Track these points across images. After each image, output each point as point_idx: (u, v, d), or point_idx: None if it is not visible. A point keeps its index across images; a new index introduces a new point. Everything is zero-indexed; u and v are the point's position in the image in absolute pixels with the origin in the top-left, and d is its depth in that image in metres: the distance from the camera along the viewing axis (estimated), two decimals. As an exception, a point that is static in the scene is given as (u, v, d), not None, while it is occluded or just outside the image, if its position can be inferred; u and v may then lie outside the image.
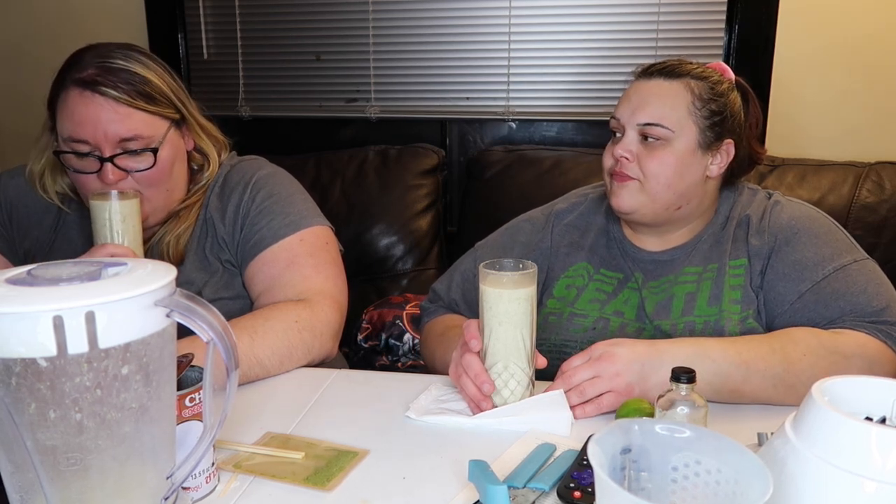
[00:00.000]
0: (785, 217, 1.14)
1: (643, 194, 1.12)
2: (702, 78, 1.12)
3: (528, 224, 1.30)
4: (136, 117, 1.12)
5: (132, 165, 1.14)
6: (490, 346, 0.96)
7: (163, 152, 1.16)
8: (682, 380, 0.78)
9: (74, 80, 1.10)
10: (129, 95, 1.11)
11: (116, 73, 1.11)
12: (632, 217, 1.16)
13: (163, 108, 1.16)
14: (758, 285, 1.11)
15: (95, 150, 1.11)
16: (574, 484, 0.75)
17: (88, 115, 1.09)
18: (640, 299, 1.17)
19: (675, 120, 1.10)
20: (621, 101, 1.16)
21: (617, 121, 1.15)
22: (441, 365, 1.15)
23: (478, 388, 0.95)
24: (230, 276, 1.23)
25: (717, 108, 1.12)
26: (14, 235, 1.28)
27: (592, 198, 1.30)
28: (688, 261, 1.17)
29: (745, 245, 1.14)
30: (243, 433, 0.92)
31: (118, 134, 1.11)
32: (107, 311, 0.55)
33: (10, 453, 0.58)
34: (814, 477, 0.56)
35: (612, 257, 1.22)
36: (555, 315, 1.20)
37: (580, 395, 0.95)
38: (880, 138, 1.97)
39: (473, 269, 1.28)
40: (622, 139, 1.13)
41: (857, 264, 1.08)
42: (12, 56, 2.36)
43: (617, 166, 1.13)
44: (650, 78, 1.14)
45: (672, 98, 1.11)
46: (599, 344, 0.98)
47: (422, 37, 2.15)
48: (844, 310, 1.04)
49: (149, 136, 1.14)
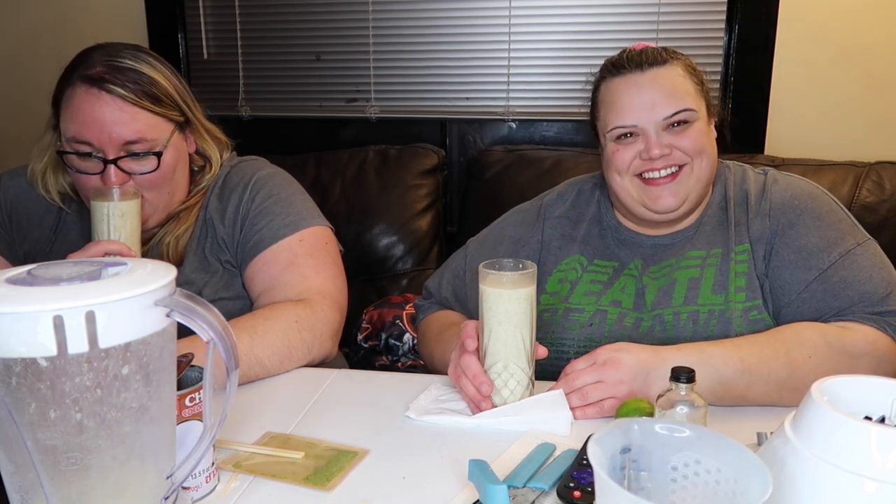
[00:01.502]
0: (787, 195, 1.12)
1: (691, 177, 1.11)
2: (678, 58, 1.13)
3: (518, 216, 1.29)
4: (141, 119, 1.12)
5: (135, 168, 1.14)
6: (490, 345, 0.96)
7: (166, 156, 1.16)
8: (681, 379, 0.78)
9: (82, 76, 1.11)
10: (135, 95, 1.12)
11: (124, 72, 1.12)
12: (677, 213, 1.12)
13: (168, 110, 1.16)
14: (762, 272, 1.09)
15: (99, 151, 1.12)
16: (574, 483, 0.75)
17: (94, 115, 1.10)
18: (637, 287, 1.15)
19: (693, 100, 1.10)
20: (624, 106, 1.10)
21: (632, 126, 1.10)
22: (440, 364, 1.15)
23: (476, 388, 0.95)
24: (230, 277, 1.23)
25: (701, 78, 1.14)
26: (14, 236, 1.28)
27: (583, 188, 1.28)
28: (690, 244, 1.15)
29: (745, 228, 1.12)
30: (243, 433, 0.92)
31: (122, 137, 1.11)
32: (107, 311, 0.55)
33: (11, 453, 0.58)
34: (813, 476, 0.56)
35: (605, 247, 1.20)
36: (549, 312, 1.18)
37: (582, 399, 0.95)
38: (880, 138, 1.97)
39: (464, 266, 1.27)
40: (647, 140, 1.09)
41: (860, 248, 1.07)
42: (12, 57, 2.36)
43: (658, 163, 1.09)
44: (644, 71, 1.10)
45: (680, 80, 1.10)
46: (604, 348, 0.97)
47: (422, 37, 2.15)
48: (853, 299, 1.03)
49: (153, 140, 1.14)
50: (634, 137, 1.11)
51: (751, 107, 1.99)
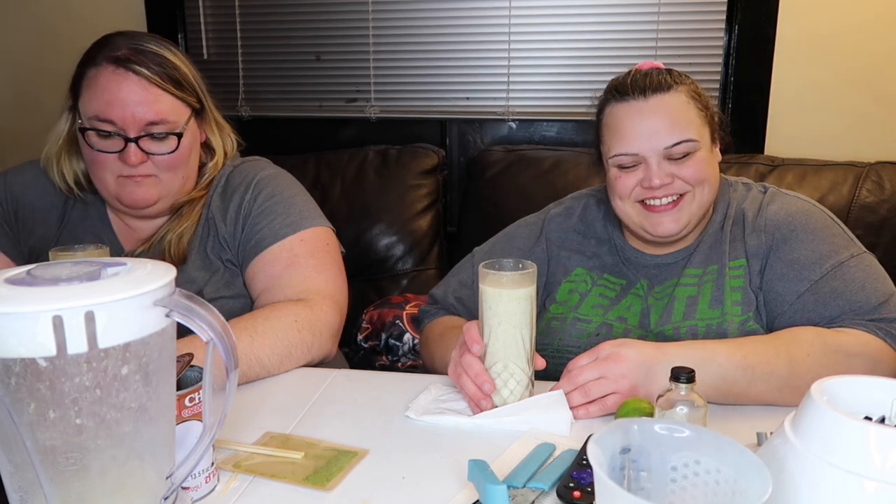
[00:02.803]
0: (782, 213, 1.13)
1: (693, 205, 1.11)
2: (683, 82, 1.12)
3: (524, 229, 1.30)
4: (163, 101, 1.16)
5: (154, 149, 1.17)
6: (490, 345, 0.96)
7: (185, 138, 1.19)
8: (681, 379, 0.78)
9: (108, 57, 1.14)
10: (160, 77, 1.16)
11: (148, 55, 1.16)
12: (678, 236, 1.14)
13: (188, 94, 1.20)
14: (757, 285, 1.11)
15: (121, 130, 1.14)
16: (573, 484, 0.75)
17: (119, 94, 1.13)
18: (643, 307, 1.17)
19: (695, 129, 1.10)
20: (627, 134, 1.10)
21: (634, 156, 1.10)
22: (441, 365, 1.15)
23: (478, 387, 0.95)
24: (231, 276, 1.24)
25: (706, 102, 1.14)
26: (19, 233, 1.29)
27: (589, 202, 1.29)
28: (689, 262, 1.17)
29: (742, 245, 1.14)
30: (243, 433, 0.92)
31: (146, 117, 1.14)
32: (106, 311, 0.55)
33: (10, 453, 0.58)
34: (813, 476, 0.56)
35: (614, 264, 1.22)
36: (557, 320, 1.20)
37: (585, 395, 0.94)
38: (880, 138, 1.97)
39: (472, 275, 1.28)
40: (648, 169, 1.10)
41: (854, 259, 1.07)
42: (12, 56, 2.36)
43: (659, 192, 1.10)
44: (646, 97, 1.10)
45: (683, 109, 1.10)
46: (606, 344, 0.97)
47: (422, 37, 2.15)
48: (844, 308, 1.04)
49: (173, 122, 1.18)
50: (636, 165, 1.11)
51: (751, 107, 1.99)
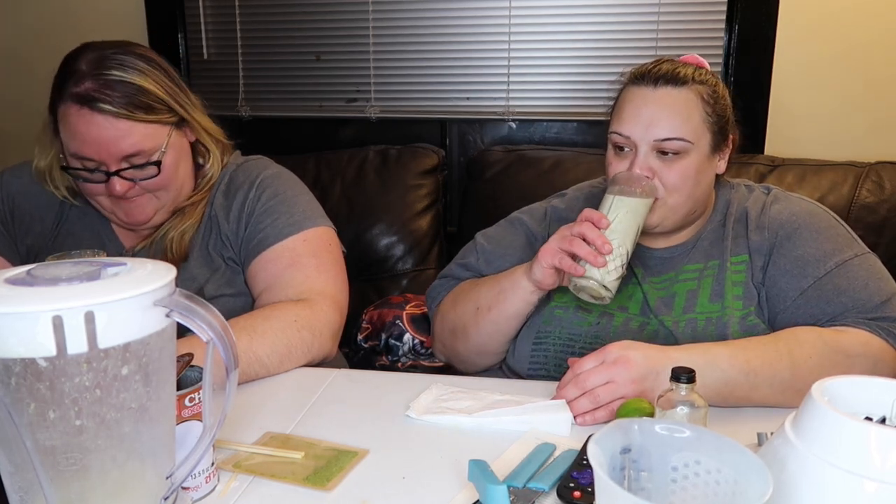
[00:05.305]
0: (786, 212, 1.13)
1: (664, 208, 1.09)
2: (703, 82, 1.10)
3: (527, 216, 1.30)
4: (136, 131, 1.12)
5: (139, 175, 1.16)
6: (613, 224, 1.03)
7: (166, 160, 1.17)
8: (682, 380, 0.78)
9: (72, 95, 1.10)
10: (127, 109, 1.11)
11: (113, 86, 1.10)
12: (654, 231, 1.13)
13: (161, 115, 1.16)
14: (759, 281, 1.11)
15: (102, 164, 1.13)
16: (574, 484, 0.75)
17: (90, 135, 1.11)
18: (642, 294, 1.17)
19: (692, 131, 1.07)
20: (626, 116, 1.09)
21: (626, 138, 1.09)
22: (486, 299, 1.16)
23: (598, 247, 1.00)
24: (232, 274, 1.24)
25: (721, 110, 1.11)
26: (16, 233, 1.29)
27: (590, 193, 1.29)
28: (688, 258, 1.17)
29: (745, 241, 1.14)
30: (243, 433, 0.92)
31: (121, 151, 1.12)
32: (106, 311, 0.55)
33: (10, 453, 0.58)
34: (813, 477, 0.56)
35: None
36: (561, 308, 1.19)
37: (594, 401, 0.92)
38: (880, 138, 1.97)
39: (476, 259, 1.28)
40: (635, 156, 1.08)
41: (858, 259, 1.08)
42: (12, 55, 2.36)
43: None
44: (656, 87, 1.08)
45: (687, 109, 1.07)
46: (612, 346, 0.96)
47: (422, 37, 2.14)
48: (847, 306, 1.04)
49: (150, 149, 1.15)
50: (628, 151, 1.10)
51: (751, 107, 1.98)
